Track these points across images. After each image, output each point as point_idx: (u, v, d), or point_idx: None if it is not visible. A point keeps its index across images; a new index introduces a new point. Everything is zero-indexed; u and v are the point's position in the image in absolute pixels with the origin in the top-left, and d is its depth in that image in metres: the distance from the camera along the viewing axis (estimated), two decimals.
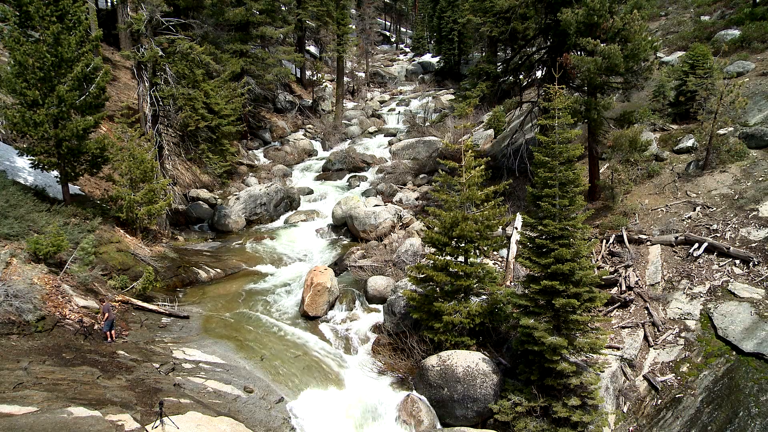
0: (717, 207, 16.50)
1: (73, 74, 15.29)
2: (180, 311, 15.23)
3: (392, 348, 14.50)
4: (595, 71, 16.75)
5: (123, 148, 17.95)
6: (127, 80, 29.28)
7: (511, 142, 24.83)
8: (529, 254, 12.02)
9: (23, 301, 11.98)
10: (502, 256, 18.50)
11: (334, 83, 43.87)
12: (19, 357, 10.73)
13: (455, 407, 12.03)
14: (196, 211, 24.17)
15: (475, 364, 12.12)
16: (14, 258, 13.30)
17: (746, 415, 10.47)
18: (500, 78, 23.20)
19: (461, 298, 13.72)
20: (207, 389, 11.44)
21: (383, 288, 17.12)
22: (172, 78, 21.02)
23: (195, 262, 18.90)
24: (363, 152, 34.22)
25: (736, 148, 18.12)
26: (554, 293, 11.42)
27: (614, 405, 12.08)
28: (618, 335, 13.79)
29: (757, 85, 21.35)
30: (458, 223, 13.41)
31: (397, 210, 23.29)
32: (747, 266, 14.03)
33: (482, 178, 13.87)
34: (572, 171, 11.67)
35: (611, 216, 17.95)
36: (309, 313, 15.99)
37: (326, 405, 12.28)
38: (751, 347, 11.80)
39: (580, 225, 11.69)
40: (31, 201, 15.53)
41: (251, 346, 13.80)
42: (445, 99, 44.34)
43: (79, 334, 12.34)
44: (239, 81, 27.18)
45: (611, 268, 15.94)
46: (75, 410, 9.36)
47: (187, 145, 23.27)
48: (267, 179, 28.95)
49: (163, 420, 9.48)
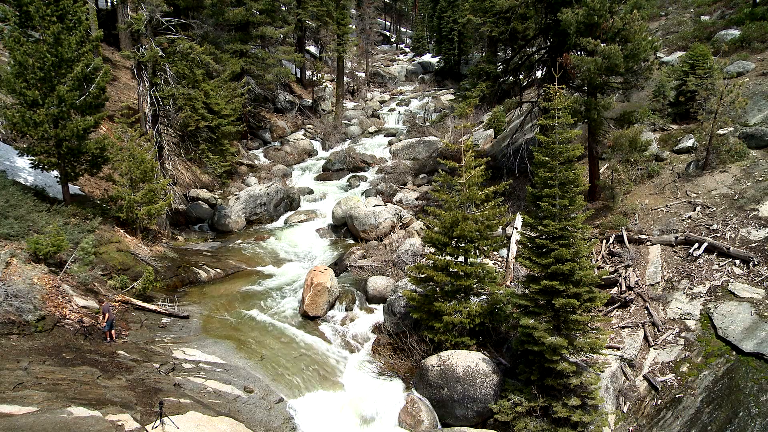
0: (717, 207, 16.50)
1: (74, 74, 15.29)
2: (180, 311, 15.23)
3: (392, 348, 14.50)
4: (595, 71, 16.76)
5: (123, 148, 17.95)
6: (127, 80, 29.28)
7: (511, 142, 24.83)
8: (529, 254, 12.02)
9: (23, 301, 11.98)
10: (502, 256, 18.50)
11: (334, 83, 43.87)
12: (19, 357, 10.73)
13: (455, 407, 12.03)
14: (196, 211, 24.17)
15: (475, 364, 12.13)
16: (14, 258, 13.30)
17: (746, 415, 10.47)
18: (500, 78, 23.20)
19: (461, 298, 13.72)
20: (207, 389, 11.45)
21: (383, 288, 17.13)
22: (172, 78, 21.02)
23: (195, 262, 18.90)
24: (363, 152, 34.20)
25: (736, 148, 18.12)
26: (554, 293, 11.43)
27: (614, 405, 12.08)
28: (618, 335, 13.79)
29: (757, 85, 21.35)
30: (458, 223, 13.40)
31: (397, 210, 23.28)
32: (747, 266, 14.03)
33: (482, 178, 13.87)
34: (572, 171, 11.67)
35: (611, 216, 17.95)
36: (309, 313, 15.99)
37: (326, 405, 12.29)
38: (751, 347, 11.80)
39: (580, 225, 11.70)
40: (31, 201, 15.53)
41: (251, 346, 13.81)
42: (445, 99, 44.34)
43: (79, 334, 12.34)
44: (239, 81, 27.17)
45: (611, 268, 15.94)
46: (75, 410, 9.36)
47: (187, 145, 23.27)
48: (267, 179, 28.95)
49: (163, 420, 9.48)
